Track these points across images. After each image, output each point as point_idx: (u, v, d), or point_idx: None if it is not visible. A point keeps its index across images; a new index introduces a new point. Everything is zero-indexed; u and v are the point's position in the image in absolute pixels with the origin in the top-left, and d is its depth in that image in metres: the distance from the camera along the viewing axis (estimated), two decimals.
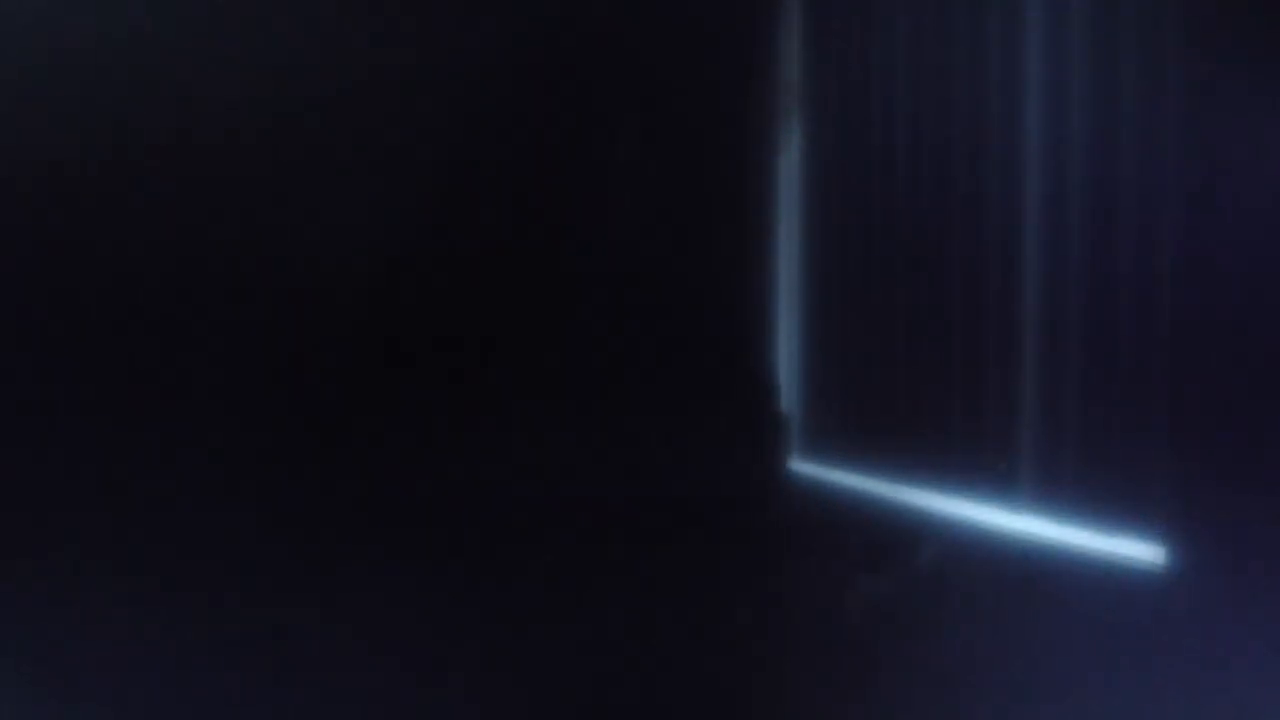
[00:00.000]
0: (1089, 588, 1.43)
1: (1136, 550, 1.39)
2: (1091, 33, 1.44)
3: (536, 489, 1.57)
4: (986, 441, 1.56)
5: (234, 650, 1.49)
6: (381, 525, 1.53)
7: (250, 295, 1.50)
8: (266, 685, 1.49)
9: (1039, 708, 1.43)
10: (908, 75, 1.63)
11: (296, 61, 1.49)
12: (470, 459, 1.55)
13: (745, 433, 1.69)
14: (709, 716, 1.57)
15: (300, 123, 1.50)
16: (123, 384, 1.48)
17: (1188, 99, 1.31)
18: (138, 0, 1.46)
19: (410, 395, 1.55)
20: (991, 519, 1.54)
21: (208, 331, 1.49)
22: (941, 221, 1.59)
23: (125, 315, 1.48)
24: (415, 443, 1.55)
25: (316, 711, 1.51)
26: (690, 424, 1.62)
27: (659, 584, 1.57)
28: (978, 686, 1.48)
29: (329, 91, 1.51)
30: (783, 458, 1.70)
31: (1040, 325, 1.49)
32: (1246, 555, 1.27)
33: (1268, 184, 1.25)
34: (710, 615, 1.58)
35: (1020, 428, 1.52)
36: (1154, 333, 1.38)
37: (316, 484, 1.52)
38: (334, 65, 1.50)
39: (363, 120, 1.52)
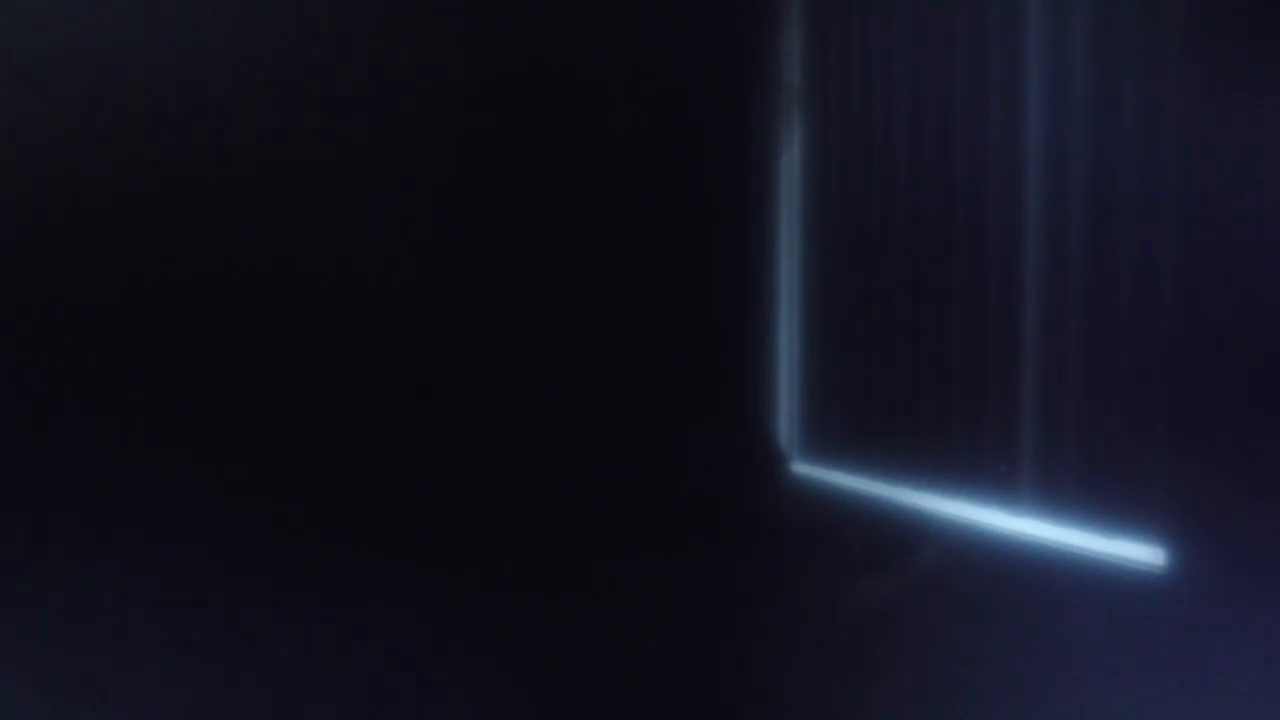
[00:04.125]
0: (1089, 589, 1.43)
1: (1137, 552, 1.39)
2: (1093, 34, 1.44)
3: (539, 493, 1.57)
4: (987, 443, 1.56)
5: (237, 652, 1.49)
6: (388, 529, 1.53)
7: (254, 299, 1.50)
8: (270, 687, 1.50)
9: (1039, 708, 1.43)
10: (908, 76, 1.63)
11: (290, 69, 1.49)
12: (474, 464, 1.55)
13: (745, 434, 1.69)
14: (710, 716, 1.57)
15: (300, 131, 1.50)
16: (127, 387, 1.48)
17: (1190, 104, 1.31)
18: (145, 5, 1.46)
19: (418, 402, 1.55)
20: (992, 521, 1.54)
21: (211, 336, 1.50)
22: (942, 223, 1.59)
23: (130, 317, 1.48)
24: (422, 448, 1.55)
25: (322, 714, 1.51)
26: (689, 426, 1.62)
27: (659, 585, 1.57)
28: (978, 687, 1.48)
29: (330, 99, 1.51)
30: (783, 459, 1.70)
31: (1041, 326, 1.50)
32: (1246, 556, 1.27)
33: (1267, 188, 1.25)
34: (710, 616, 1.58)
35: (1020, 429, 1.52)
36: (1154, 334, 1.38)
37: (321, 488, 1.52)
38: (336, 73, 1.51)
39: (364, 121, 1.52)
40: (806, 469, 1.70)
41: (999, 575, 1.51)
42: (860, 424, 1.69)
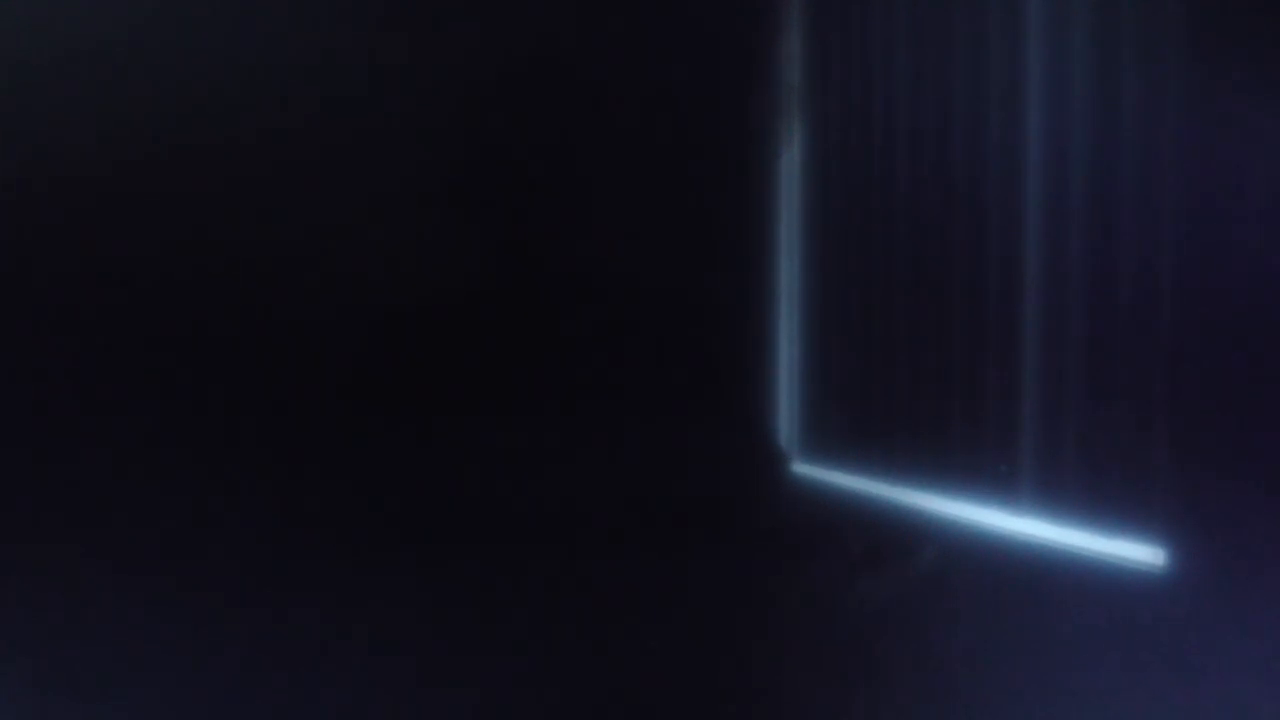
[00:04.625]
0: (1089, 589, 1.42)
1: (1136, 551, 1.39)
2: (1093, 34, 1.44)
3: (540, 493, 1.57)
4: (987, 443, 1.56)
5: (239, 652, 1.49)
6: (389, 528, 1.53)
7: (257, 299, 1.50)
8: (272, 687, 1.49)
9: (1039, 708, 1.43)
10: (908, 77, 1.63)
11: (291, 70, 1.49)
12: (474, 463, 1.55)
13: (745, 434, 1.69)
14: (710, 716, 1.57)
15: (302, 132, 1.50)
16: (129, 385, 1.48)
17: (1190, 104, 1.31)
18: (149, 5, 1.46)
19: (419, 401, 1.55)
20: (992, 521, 1.54)
21: (213, 335, 1.50)
22: (942, 223, 1.59)
23: (133, 316, 1.48)
24: (423, 448, 1.55)
25: (322, 713, 1.51)
26: (690, 426, 1.62)
27: (659, 585, 1.57)
28: (978, 687, 1.48)
29: (332, 99, 1.51)
30: (783, 459, 1.70)
31: (1041, 326, 1.49)
32: (1246, 555, 1.27)
33: (1267, 188, 1.25)
34: (710, 616, 1.58)
35: (1020, 429, 1.52)
36: (1154, 334, 1.38)
37: (322, 487, 1.52)
38: (337, 73, 1.51)
39: (365, 122, 1.52)
40: (806, 469, 1.70)
41: (999, 575, 1.51)
42: (860, 424, 1.69)
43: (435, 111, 1.54)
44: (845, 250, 1.69)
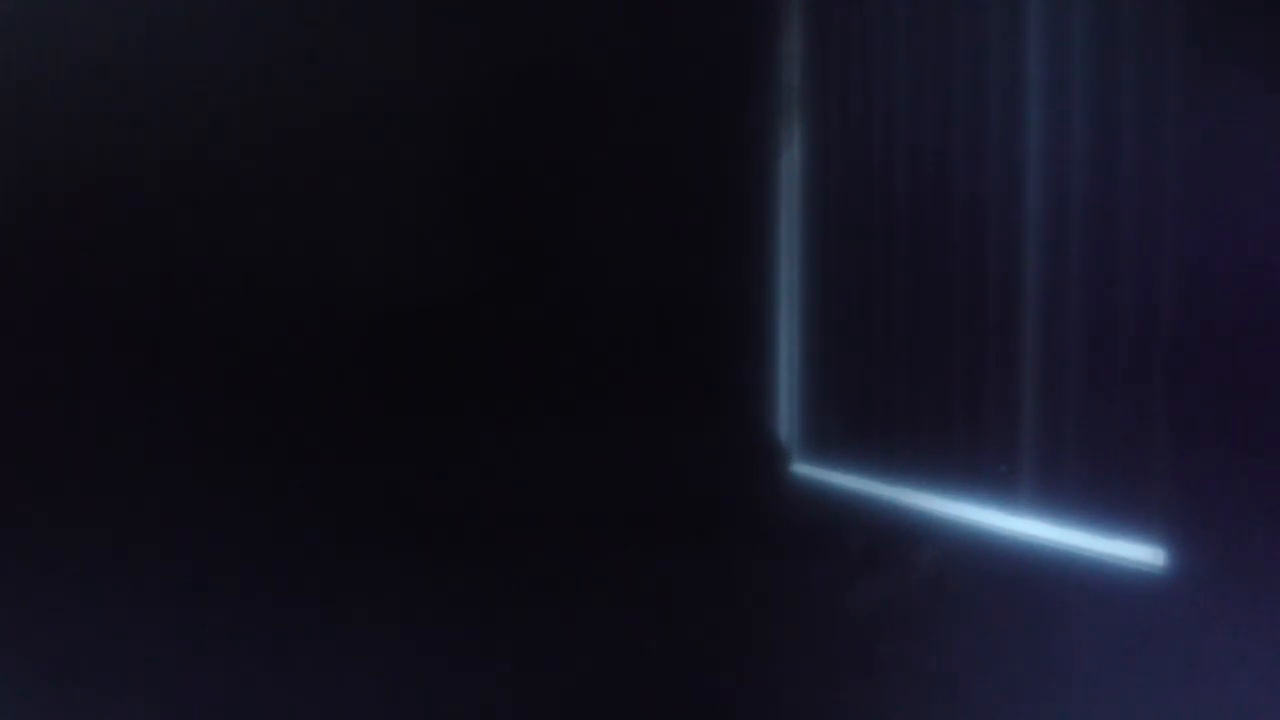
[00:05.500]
0: (1089, 589, 1.43)
1: (1136, 552, 1.39)
2: (1093, 35, 1.44)
3: (541, 493, 1.57)
4: (987, 443, 1.56)
5: (240, 651, 1.49)
6: (390, 528, 1.54)
7: (258, 300, 1.50)
8: (273, 686, 1.50)
9: (1039, 708, 1.43)
10: (908, 77, 1.63)
11: (296, 74, 1.49)
12: (475, 463, 1.55)
13: (745, 434, 1.69)
14: (710, 716, 1.57)
15: (308, 135, 1.50)
16: (130, 385, 1.48)
17: (1190, 103, 1.31)
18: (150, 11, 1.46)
19: (422, 402, 1.55)
20: (992, 521, 1.54)
21: (217, 336, 1.50)
22: (942, 223, 1.59)
23: (134, 317, 1.48)
24: (425, 448, 1.55)
25: (323, 712, 1.51)
26: (690, 426, 1.62)
27: (659, 585, 1.57)
28: (978, 687, 1.48)
29: (337, 103, 1.51)
30: (783, 459, 1.70)
31: (1040, 326, 1.50)
32: (1246, 556, 1.27)
33: (1267, 188, 1.25)
34: (710, 616, 1.58)
35: (1020, 429, 1.53)
36: (1154, 334, 1.38)
37: (324, 487, 1.52)
38: (343, 78, 1.51)
39: (370, 126, 1.52)
40: (806, 469, 1.70)
41: (999, 575, 1.51)
42: (860, 424, 1.69)
43: (435, 113, 1.55)
44: (845, 250, 1.69)
